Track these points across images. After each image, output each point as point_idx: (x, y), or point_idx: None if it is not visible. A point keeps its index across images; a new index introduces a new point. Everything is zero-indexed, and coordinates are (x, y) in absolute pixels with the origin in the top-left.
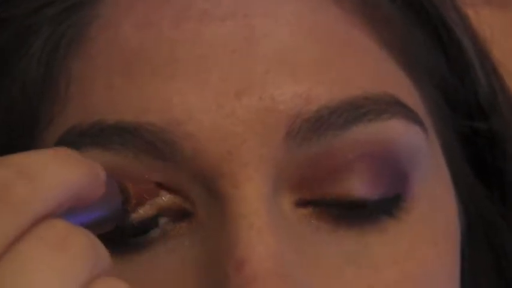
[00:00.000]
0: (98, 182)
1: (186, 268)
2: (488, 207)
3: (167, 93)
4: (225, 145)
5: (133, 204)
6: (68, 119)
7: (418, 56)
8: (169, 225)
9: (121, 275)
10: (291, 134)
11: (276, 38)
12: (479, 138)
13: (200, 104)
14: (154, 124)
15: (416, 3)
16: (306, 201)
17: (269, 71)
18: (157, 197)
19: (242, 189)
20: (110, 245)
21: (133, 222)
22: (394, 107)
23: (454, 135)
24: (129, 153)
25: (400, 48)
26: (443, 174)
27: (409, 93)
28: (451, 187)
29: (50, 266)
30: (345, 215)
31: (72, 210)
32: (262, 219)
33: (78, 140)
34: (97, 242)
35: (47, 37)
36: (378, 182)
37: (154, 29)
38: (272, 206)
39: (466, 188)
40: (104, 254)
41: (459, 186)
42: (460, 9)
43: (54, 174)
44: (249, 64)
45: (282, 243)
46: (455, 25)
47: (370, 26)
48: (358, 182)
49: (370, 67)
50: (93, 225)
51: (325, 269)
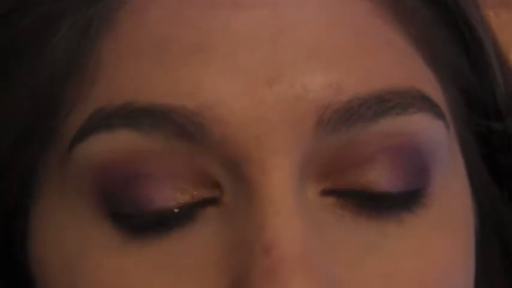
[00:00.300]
0: None
1: (211, 252)
2: (501, 207)
3: (198, 77)
4: (254, 131)
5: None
6: (96, 100)
7: (442, 53)
8: (196, 208)
9: (151, 259)
10: (321, 123)
11: (305, 28)
12: (494, 139)
13: (231, 90)
14: (185, 107)
15: (442, 2)
16: (330, 191)
17: (299, 60)
18: (185, 180)
19: (270, 175)
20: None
21: (162, 204)
22: (420, 102)
23: (471, 134)
24: (159, 136)
25: (424, 43)
26: (460, 171)
27: (433, 89)
28: (467, 184)
29: None
30: (366, 206)
31: None
32: (289, 205)
33: (107, 121)
34: None
35: (75, 21)
36: (401, 175)
37: (183, 16)
38: (298, 193)
39: (480, 186)
40: None
41: (474, 184)
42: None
43: None
44: (279, 53)
45: (308, 230)
46: (477, 24)
47: (397, 19)
48: (381, 174)
49: (397, 61)
50: None
51: (346, 257)
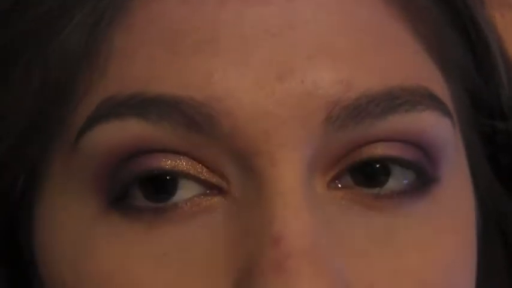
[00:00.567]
0: None
1: (218, 243)
2: (504, 206)
3: (209, 69)
4: (264, 125)
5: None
6: (107, 88)
7: (449, 53)
8: (202, 199)
9: (153, 248)
10: (330, 119)
11: (318, 24)
12: (499, 139)
13: (241, 83)
14: (195, 99)
15: (451, 1)
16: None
17: (311, 56)
18: (192, 169)
19: (279, 168)
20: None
21: (170, 180)
22: (428, 100)
23: (476, 134)
24: (167, 126)
25: (433, 43)
26: (465, 169)
27: (440, 88)
28: (471, 183)
29: None
30: (377, 199)
31: None
32: (298, 198)
33: (116, 110)
34: None
35: (89, 9)
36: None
37: (198, 6)
38: (307, 187)
39: (484, 186)
40: None
41: (477, 183)
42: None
43: None
44: (291, 48)
45: (317, 223)
46: (484, 25)
47: (407, 18)
48: (387, 148)
49: (406, 59)
50: None
51: (353, 250)
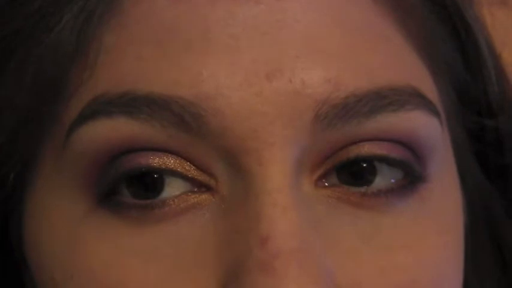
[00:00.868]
0: None
1: (206, 240)
2: (492, 204)
3: (198, 68)
4: (252, 123)
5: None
6: (97, 86)
7: (437, 50)
8: (190, 196)
9: (140, 244)
10: (318, 118)
11: (307, 23)
12: (487, 136)
13: (230, 82)
14: (184, 98)
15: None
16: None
17: (300, 55)
18: (181, 167)
19: (267, 167)
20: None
21: (158, 178)
22: (416, 99)
23: (464, 131)
24: (156, 124)
25: (421, 40)
26: (453, 167)
27: (428, 86)
28: (458, 181)
29: None
30: (363, 197)
31: None
32: (286, 197)
33: (106, 108)
34: None
35: (80, 7)
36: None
37: (189, 4)
38: (295, 185)
39: (472, 184)
40: None
41: (466, 181)
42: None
43: None
44: (280, 47)
45: (303, 222)
46: (473, 23)
47: (396, 16)
48: (375, 147)
49: (395, 58)
50: None
51: (341, 248)
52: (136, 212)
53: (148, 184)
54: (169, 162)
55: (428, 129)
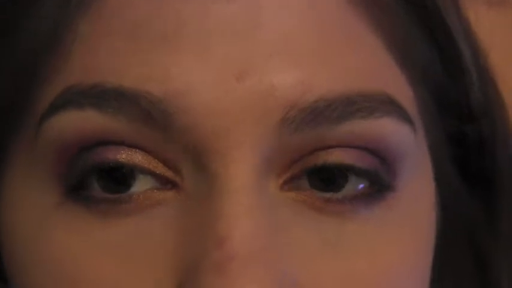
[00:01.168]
0: None
1: (168, 238)
2: (471, 211)
3: (169, 63)
4: (220, 122)
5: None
6: (70, 76)
7: (415, 54)
8: (156, 192)
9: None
10: (286, 121)
11: (282, 23)
12: (467, 141)
13: (200, 79)
14: (152, 93)
15: (418, 1)
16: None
17: (272, 55)
18: (147, 162)
19: (232, 167)
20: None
21: (124, 172)
22: (387, 106)
23: (442, 137)
24: (124, 119)
25: (399, 44)
26: (427, 176)
27: (403, 92)
28: (433, 190)
29: None
30: (328, 203)
31: None
32: (248, 198)
33: (77, 99)
34: None
35: None
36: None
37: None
38: (259, 187)
39: (450, 191)
40: None
41: (443, 188)
42: (460, 11)
43: None
44: (253, 46)
45: (265, 225)
46: (454, 26)
47: (372, 18)
48: (344, 155)
49: (369, 63)
50: None
51: (303, 254)
52: (104, 206)
53: (116, 179)
54: (137, 158)
55: (399, 136)
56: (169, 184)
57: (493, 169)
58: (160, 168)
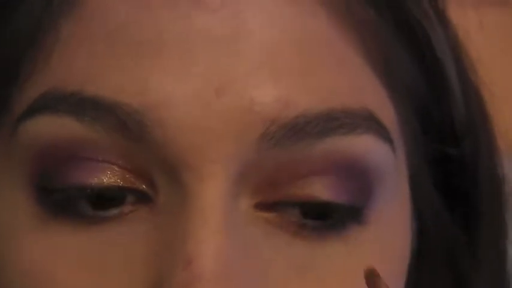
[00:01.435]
0: None
1: (136, 252)
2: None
3: (146, 76)
4: (196, 137)
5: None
6: (49, 79)
7: (400, 73)
8: (128, 206)
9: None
10: (265, 137)
11: (264, 38)
12: (448, 162)
13: (178, 93)
14: (130, 105)
15: (403, 20)
16: (266, 205)
17: (252, 71)
18: (121, 174)
19: (205, 184)
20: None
21: (95, 193)
22: (369, 123)
23: (424, 157)
24: (100, 129)
25: (383, 63)
26: (404, 197)
27: (385, 110)
28: (409, 211)
29: None
30: (301, 226)
31: None
32: (217, 218)
33: (54, 105)
34: None
35: None
36: (342, 190)
37: (147, 6)
38: (231, 205)
39: (431, 212)
40: None
41: (423, 209)
42: (448, 26)
43: None
44: (233, 60)
45: (234, 246)
46: (439, 45)
47: (357, 36)
48: (321, 189)
49: (351, 80)
50: None
51: (272, 277)
52: (72, 215)
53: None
54: (107, 177)
55: (379, 155)
56: (143, 198)
57: (475, 190)
58: (133, 181)
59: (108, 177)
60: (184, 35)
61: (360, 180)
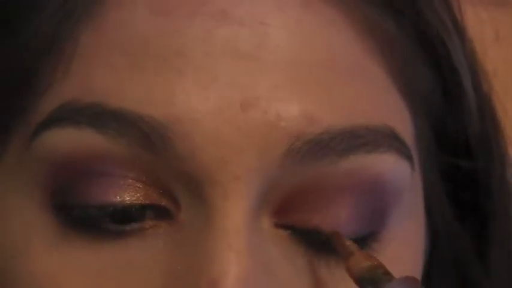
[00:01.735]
0: None
1: (156, 270)
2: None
3: (172, 88)
4: (221, 152)
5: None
6: (68, 90)
7: (417, 84)
8: (148, 222)
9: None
10: (290, 153)
11: (288, 51)
12: (462, 174)
13: (203, 106)
14: (154, 118)
15: (422, 31)
16: (285, 224)
17: (277, 85)
18: (143, 189)
19: (229, 202)
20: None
21: (117, 210)
22: (390, 141)
23: (438, 170)
24: (122, 141)
25: (402, 75)
26: (419, 211)
27: (405, 124)
28: (423, 224)
29: None
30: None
31: None
32: (242, 241)
33: (74, 117)
34: None
35: (60, 4)
36: (358, 216)
37: (169, 18)
38: (253, 224)
39: (442, 222)
40: None
41: (436, 221)
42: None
43: None
44: (258, 74)
45: (256, 266)
46: (458, 59)
47: (379, 52)
48: (342, 207)
49: (374, 96)
50: None
51: None
52: (91, 231)
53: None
54: (130, 195)
55: (398, 172)
56: (163, 214)
57: (486, 201)
58: (154, 196)
59: (130, 196)
60: (208, 48)
61: (380, 199)
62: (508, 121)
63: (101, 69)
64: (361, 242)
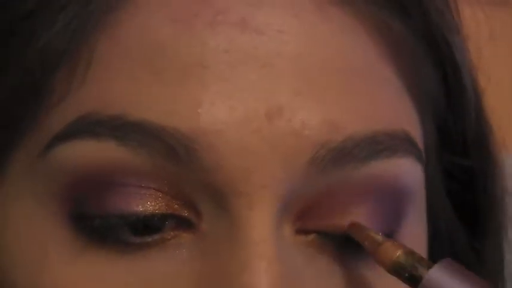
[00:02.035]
0: None
1: (182, 280)
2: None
3: (196, 99)
4: (246, 162)
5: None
6: (85, 101)
7: (424, 84)
8: (169, 232)
9: (113, 276)
10: (315, 161)
11: (309, 58)
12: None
13: (228, 117)
14: (179, 130)
15: (431, 36)
16: (306, 230)
17: (300, 93)
18: (165, 200)
19: (254, 212)
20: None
21: (138, 219)
22: (407, 145)
23: (440, 170)
24: (145, 153)
25: (411, 76)
26: (423, 211)
27: (416, 128)
28: (426, 223)
29: None
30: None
31: None
32: (271, 249)
33: (94, 129)
34: None
35: (74, 13)
36: (376, 218)
37: (189, 26)
38: (277, 232)
39: (443, 222)
40: None
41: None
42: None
43: None
44: (280, 82)
45: (287, 274)
46: (460, 57)
47: (390, 54)
48: (360, 214)
49: (389, 100)
50: None
51: None
52: (112, 242)
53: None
54: (151, 204)
55: (413, 175)
56: (185, 224)
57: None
58: (176, 207)
59: (152, 205)
60: (230, 57)
61: (396, 201)
62: (502, 120)
63: (120, 80)
64: None
